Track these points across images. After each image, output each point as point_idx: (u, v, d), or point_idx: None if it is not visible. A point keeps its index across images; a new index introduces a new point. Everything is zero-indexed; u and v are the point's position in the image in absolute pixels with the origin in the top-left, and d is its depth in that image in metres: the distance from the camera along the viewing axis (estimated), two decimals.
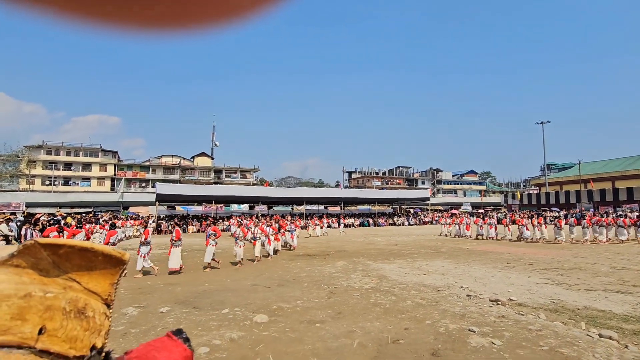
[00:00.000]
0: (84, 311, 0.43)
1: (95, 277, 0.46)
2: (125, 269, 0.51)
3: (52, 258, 0.43)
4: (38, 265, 0.42)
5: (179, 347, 0.61)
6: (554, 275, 9.23)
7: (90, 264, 0.46)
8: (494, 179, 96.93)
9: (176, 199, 36.49)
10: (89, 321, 0.43)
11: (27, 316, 0.38)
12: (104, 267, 0.47)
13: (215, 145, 67.83)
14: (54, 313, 0.40)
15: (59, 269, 0.44)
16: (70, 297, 0.42)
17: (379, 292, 7.55)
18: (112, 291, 0.49)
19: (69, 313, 0.41)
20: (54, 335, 0.39)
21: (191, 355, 0.64)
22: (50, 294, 0.41)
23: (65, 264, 0.44)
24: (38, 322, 0.39)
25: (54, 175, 50.65)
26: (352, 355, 4.29)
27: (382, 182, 71.09)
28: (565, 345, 4.46)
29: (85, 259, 0.45)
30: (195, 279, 9.48)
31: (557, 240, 17.99)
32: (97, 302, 0.46)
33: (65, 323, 0.41)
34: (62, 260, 0.43)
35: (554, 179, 60.45)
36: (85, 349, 0.43)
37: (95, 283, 0.46)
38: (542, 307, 6.25)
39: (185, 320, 5.74)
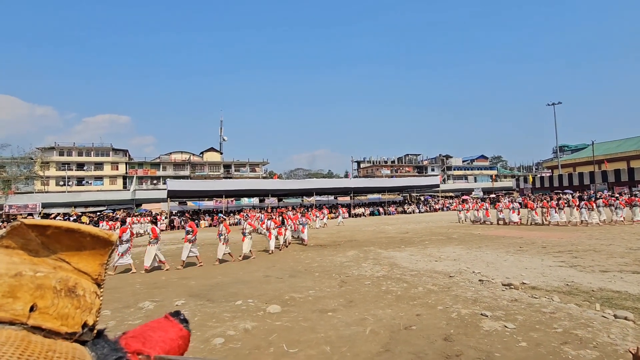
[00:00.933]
0: (74, 290, 0.45)
1: (84, 257, 0.48)
2: (114, 249, 0.51)
3: (40, 239, 0.45)
4: (27, 246, 0.44)
5: (175, 327, 0.63)
6: (568, 257, 9.12)
7: (79, 244, 0.47)
8: (505, 163, 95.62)
9: (187, 194, 36.87)
10: (79, 300, 0.45)
11: (18, 294, 0.40)
12: (92, 248, 0.48)
13: (223, 140, 68.14)
14: (44, 291, 0.42)
15: (48, 249, 0.45)
16: (61, 277, 0.44)
17: (390, 279, 7.57)
18: (102, 271, 0.50)
19: (59, 292, 0.43)
20: (45, 313, 0.41)
21: (187, 335, 0.65)
22: (40, 274, 0.42)
23: (54, 245, 0.45)
24: (29, 299, 0.40)
25: (67, 176, 51.55)
26: (365, 342, 4.33)
27: (391, 171, 70.73)
28: (579, 326, 4.43)
29: (73, 239, 0.46)
30: (208, 272, 9.62)
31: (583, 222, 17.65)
32: (87, 282, 0.47)
33: (56, 301, 0.42)
34: (50, 241, 0.45)
35: (566, 161, 59.36)
36: (77, 326, 0.44)
37: (85, 263, 0.48)
38: (555, 289, 6.20)
39: (200, 313, 5.84)
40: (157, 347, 0.57)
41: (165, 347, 0.59)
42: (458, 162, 75.97)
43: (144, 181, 56.05)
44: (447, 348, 4.03)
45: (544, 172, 66.90)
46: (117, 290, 7.76)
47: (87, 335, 0.45)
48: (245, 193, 39.21)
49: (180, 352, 0.62)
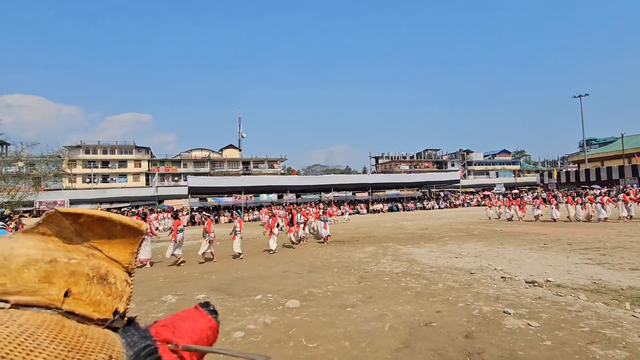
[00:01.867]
0: (106, 277, 0.46)
1: (115, 245, 0.49)
2: (144, 239, 0.53)
3: (74, 227, 0.47)
4: (62, 234, 0.46)
5: (204, 318, 0.64)
6: (595, 254, 8.81)
7: (110, 233, 0.49)
8: (529, 158, 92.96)
9: (207, 191, 37.49)
10: (111, 287, 0.46)
11: (53, 280, 0.41)
12: (123, 237, 0.50)
13: (242, 137, 68.88)
14: (78, 278, 0.44)
15: (82, 237, 0.47)
16: (93, 264, 0.46)
17: (409, 276, 7.51)
18: (133, 259, 0.52)
19: (92, 279, 0.45)
20: (78, 299, 0.43)
21: (217, 326, 0.67)
22: (74, 260, 0.44)
23: (87, 233, 0.47)
24: (64, 285, 0.42)
25: (93, 173, 53.32)
26: (384, 338, 4.31)
27: (410, 166, 69.89)
28: (607, 326, 4.28)
29: (105, 228, 0.48)
30: (228, 267, 9.78)
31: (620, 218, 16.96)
32: (118, 270, 0.49)
33: (89, 288, 0.44)
34: (83, 229, 0.47)
35: (594, 155, 57.18)
36: (108, 312, 0.46)
37: (116, 252, 0.50)
38: (582, 287, 6.01)
39: (221, 307, 5.94)
40: (186, 336, 0.59)
41: (194, 337, 0.61)
42: (479, 157, 74.33)
43: (165, 178, 57.35)
44: (468, 345, 3.98)
45: (570, 167, 64.73)
46: (141, 284, 7.99)
47: (117, 322, 0.47)
48: (263, 189, 39.56)
49: (209, 343, 0.64)
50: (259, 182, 37.29)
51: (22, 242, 0.42)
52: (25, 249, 0.41)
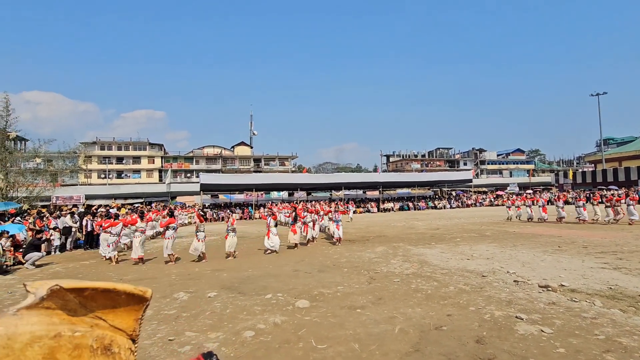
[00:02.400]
0: (110, 347, 0.46)
1: (119, 314, 0.49)
2: (148, 305, 0.53)
3: (78, 299, 0.47)
4: (66, 306, 0.46)
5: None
6: (612, 259, 8.62)
7: (114, 302, 0.48)
8: (543, 157, 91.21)
9: (219, 188, 37.89)
10: (114, 357, 0.46)
11: (57, 355, 0.41)
12: (127, 305, 0.50)
13: (253, 135, 69.33)
14: (82, 351, 0.44)
15: (86, 308, 0.47)
16: (97, 335, 0.46)
17: (420, 277, 7.46)
18: (137, 326, 0.52)
19: (96, 350, 0.45)
20: None
21: None
22: (78, 333, 0.45)
23: (91, 304, 0.47)
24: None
25: (107, 169, 54.29)
26: (394, 341, 4.30)
27: (421, 165, 69.31)
28: (624, 334, 4.18)
29: (109, 298, 0.48)
30: (239, 265, 9.86)
31: None
32: (122, 338, 0.49)
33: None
34: (87, 301, 0.47)
35: (611, 155, 55.78)
36: None
37: (120, 320, 0.49)
38: (597, 293, 5.88)
39: (232, 305, 6.00)
40: None
41: None
42: (492, 156, 73.27)
43: (178, 174, 58.08)
44: (479, 351, 3.93)
45: (586, 167, 63.33)
46: (154, 280, 8.12)
47: None
48: (274, 187, 39.77)
49: None
50: (270, 179, 37.51)
51: (27, 318, 0.42)
52: (29, 326, 0.41)
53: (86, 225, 15.08)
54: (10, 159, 25.45)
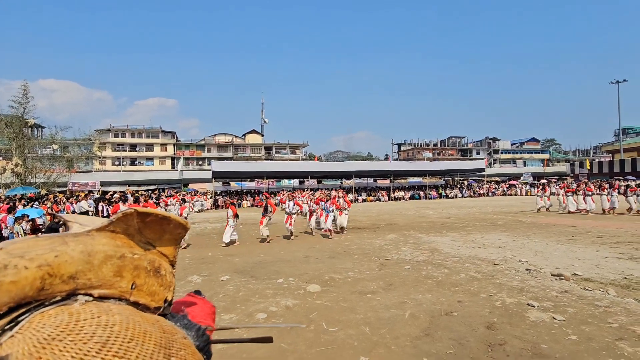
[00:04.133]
0: (159, 270, 0.51)
1: (165, 241, 0.54)
2: (184, 235, 0.58)
3: (138, 225, 0.52)
4: (127, 231, 0.51)
5: (207, 303, 0.70)
6: (627, 249, 8.48)
7: (164, 230, 0.54)
8: (559, 147, 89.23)
9: (230, 175, 38.18)
10: (162, 279, 0.51)
11: (123, 273, 0.47)
12: (171, 233, 0.54)
13: (264, 122, 69.36)
14: (140, 271, 0.49)
15: (141, 234, 0.52)
16: (150, 259, 0.51)
17: (430, 264, 7.47)
18: (176, 253, 0.57)
19: (149, 272, 0.50)
20: (140, 290, 0.48)
21: (215, 310, 0.72)
22: (136, 255, 0.50)
23: (146, 230, 0.52)
24: (130, 278, 0.47)
25: (121, 156, 55.15)
26: (404, 325, 4.35)
27: (433, 154, 68.59)
28: (638, 322, 4.15)
29: (161, 225, 0.53)
30: (251, 250, 10.01)
31: None
32: (166, 263, 0.54)
33: (147, 280, 0.50)
34: (145, 227, 0.52)
35: (630, 145, 54.26)
36: (161, 301, 0.51)
37: (165, 247, 0.55)
38: (611, 282, 5.82)
39: (244, 289, 6.12)
40: (204, 320, 0.64)
41: (208, 319, 0.66)
42: (506, 145, 71.99)
43: (190, 162, 58.66)
44: (490, 336, 3.95)
45: (603, 157, 61.84)
46: None
47: (167, 310, 0.53)
48: (285, 175, 39.88)
49: (214, 323, 0.68)
50: (281, 167, 37.60)
51: (98, 239, 0.47)
52: (101, 246, 0.46)
53: (102, 211, 15.44)
54: (28, 145, 26.05)
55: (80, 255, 0.43)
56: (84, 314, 0.39)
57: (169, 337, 0.43)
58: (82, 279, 0.42)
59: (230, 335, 1.23)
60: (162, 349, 0.41)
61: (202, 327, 0.54)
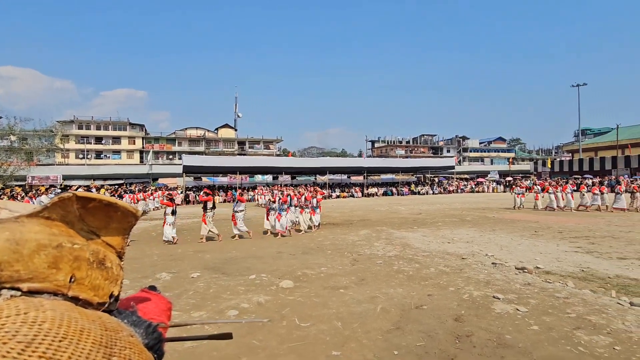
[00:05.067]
0: (104, 262, 0.46)
1: (111, 231, 0.49)
2: (135, 224, 0.52)
3: (79, 211, 0.46)
4: (66, 218, 0.45)
5: (162, 300, 0.65)
6: (585, 243, 8.97)
7: (110, 218, 0.48)
8: (524, 146, 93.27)
9: (202, 170, 37.38)
10: (107, 271, 0.46)
11: (60, 265, 0.41)
12: (119, 222, 0.49)
13: (238, 117, 68.23)
14: (80, 263, 0.43)
15: (83, 222, 0.47)
16: (93, 249, 0.46)
17: (402, 259, 7.60)
18: (124, 244, 0.52)
19: (92, 263, 0.45)
20: (81, 284, 0.43)
21: (171, 306, 0.67)
22: (77, 245, 0.44)
23: (89, 218, 0.47)
24: (69, 270, 0.42)
25: (86, 149, 52.72)
26: (375, 319, 4.40)
27: (405, 151, 69.91)
28: (593, 312, 4.39)
29: (107, 213, 0.48)
30: (223, 246, 9.83)
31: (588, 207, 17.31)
32: (112, 254, 0.49)
33: (90, 272, 0.44)
34: (87, 214, 0.47)
35: (588, 145, 57.52)
36: (106, 296, 0.46)
37: (111, 237, 0.49)
38: (570, 275, 6.14)
39: (215, 285, 6.00)
40: (157, 317, 0.59)
41: (162, 316, 0.61)
42: (475, 143, 74.44)
43: (160, 156, 56.93)
44: (457, 328, 4.07)
45: (564, 156, 65.16)
46: (136, 260, 8.02)
47: (112, 305, 0.47)
48: (259, 170, 39.50)
49: (169, 321, 0.64)
50: (255, 162, 37.23)
51: (29, 226, 0.41)
52: (32, 234, 0.40)
53: None
54: None
55: (5, 244, 0.38)
56: (8, 310, 0.34)
57: (111, 335, 0.39)
58: (8, 270, 0.37)
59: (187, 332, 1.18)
60: (102, 348, 0.36)
61: (153, 324, 0.49)
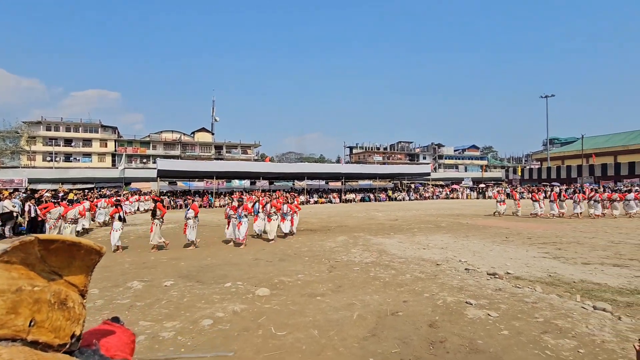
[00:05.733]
0: (65, 302, 0.45)
1: (74, 269, 0.48)
2: (99, 261, 0.52)
3: (41, 253, 0.45)
4: (26, 260, 0.44)
5: (126, 332, 0.64)
6: (552, 249, 9.34)
7: (73, 257, 0.47)
8: (496, 154, 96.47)
9: (177, 174, 36.56)
10: (69, 311, 0.46)
11: (19, 310, 0.40)
12: (82, 260, 0.49)
13: (215, 121, 67.32)
14: (41, 305, 0.42)
15: (45, 262, 0.46)
16: (54, 290, 0.45)
17: (378, 266, 7.68)
18: (87, 282, 0.51)
19: (53, 305, 0.44)
20: (42, 327, 0.42)
21: (135, 338, 0.66)
22: (37, 288, 0.43)
23: (50, 258, 0.46)
24: (29, 314, 0.41)
25: (54, 152, 50.59)
26: (352, 326, 4.41)
27: (383, 157, 70.88)
28: (559, 317, 4.57)
29: (70, 252, 0.47)
30: (198, 253, 9.63)
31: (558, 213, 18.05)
32: (75, 293, 0.48)
33: (50, 314, 0.43)
34: (49, 255, 0.46)
35: (555, 154, 60.14)
36: (67, 337, 0.45)
37: (74, 275, 0.49)
38: (538, 280, 6.37)
39: (189, 294, 5.87)
40: (121, 352, 0.58)
41: (126, 350, 0.60)
42: (450, 151, 76.44)
43: (133, 160, 55.34)
44: (432, 334, 4.14)
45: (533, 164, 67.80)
46: (106, 269, 7.74)
47: (74, 346, 0.47)
48: (236, 175, 38.98)
49: (132, 355, 0.63)
50: (232, 167, 36.64)
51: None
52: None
53: (29, 211, 14.01)
54: None
55: None
56: None
57: None
58: None
59: None
60: None
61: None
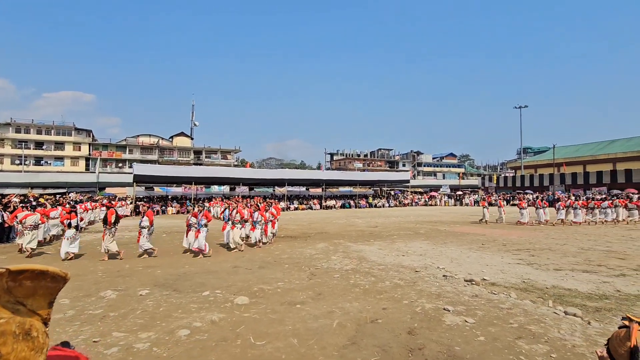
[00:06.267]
0: (30, 332, 0.45)
1: (38, 298, 0.48)
2: (62, 287, 0.51)
3: (7, 284, 0.44)
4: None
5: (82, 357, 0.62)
6: (526, 255, 9.62)
7: (38, 286, 0.46)
8: (473, 162, 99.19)
9: (154, 180, 35.75)
10: (34, 341, 0.45)
11: None
12: (47, 288, 0.48)
13: (194, 125, 66.39)
14: (6, 338, 0.42)
15: (10, 294, 0.45)
16: (19, 321, 0.44)
17: (358, 273, 7.71)
18: (50, 310, 0.50)
19: (18, 336, 0.43)
20: (7, 359, 0.41)
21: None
22: (2, 320, 0.42)
23: (17, 289, 0.45)
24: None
25: (24, 155, 48.59)
26: (332, 335, 4.40)
27: (363, 164, 71.57)
28: (533, 322, 4.71)
29: (36, 281, 0.46)
30: (175, 261, 9.42)
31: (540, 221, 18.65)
32: (38, 322, 0.47)
33: (15, 346, 0.43)
34: (15, 285, 0.45)
35: (529, 163, 62.21)
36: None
37: (37, 304, 0.48)
38: (513, 286, 6.54)
39: (165, 303, 5.72)
40: None
41: None
42: (428, 158, 78.03)
43: (108, 164, 53.82)
44: (410, 341, 4.18)
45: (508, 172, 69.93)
46: (77, 278, 7.45)
47: None
48: (215, 181, 38.47)
49: None
50: (211, 172, 36.22)
51: None
52: None
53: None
54: None
55: None
56: None
57: None
58: None
59: None
60: None
61: None
